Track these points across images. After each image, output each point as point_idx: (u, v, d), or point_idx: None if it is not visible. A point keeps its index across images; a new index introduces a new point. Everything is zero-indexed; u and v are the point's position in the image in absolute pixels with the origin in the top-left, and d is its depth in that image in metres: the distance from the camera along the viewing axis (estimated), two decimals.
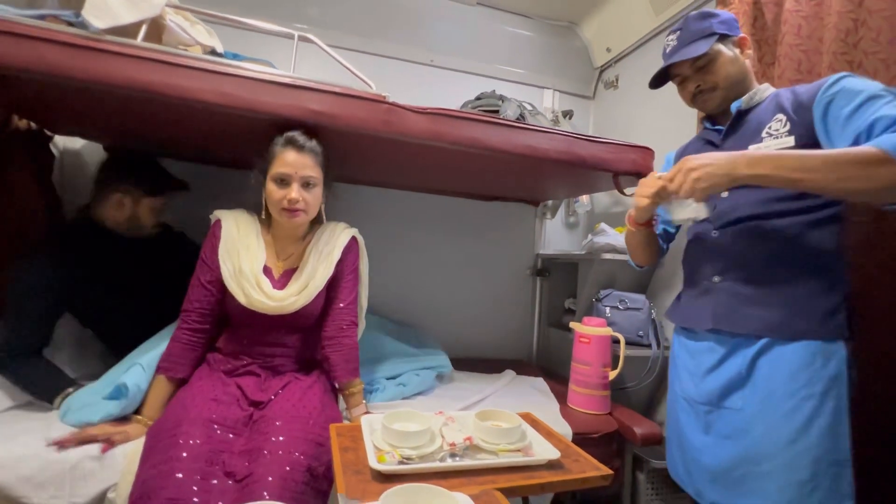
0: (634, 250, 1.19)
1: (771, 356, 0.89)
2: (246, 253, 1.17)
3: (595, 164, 1.39)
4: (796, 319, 0.87)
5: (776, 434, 0.86)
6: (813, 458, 0.83)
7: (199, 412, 0.99)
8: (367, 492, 0.77)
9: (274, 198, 1.13)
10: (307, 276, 1.20)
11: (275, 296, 1.16)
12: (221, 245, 1.17)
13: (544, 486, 0.85)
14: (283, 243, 1.24)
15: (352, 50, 1.95)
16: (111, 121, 1.37)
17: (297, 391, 1.13)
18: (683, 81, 1.06)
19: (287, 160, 1.11)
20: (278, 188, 1.12)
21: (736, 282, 0.95)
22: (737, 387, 0.93)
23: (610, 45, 2.19)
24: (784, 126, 0.92)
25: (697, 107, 1.08)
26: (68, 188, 1.68)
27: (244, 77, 1.07)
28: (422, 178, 1.89)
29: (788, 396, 0.86)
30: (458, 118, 1.24)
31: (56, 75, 0.97)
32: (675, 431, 1.08)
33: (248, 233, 1.20)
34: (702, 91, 1.03)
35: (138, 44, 1.02)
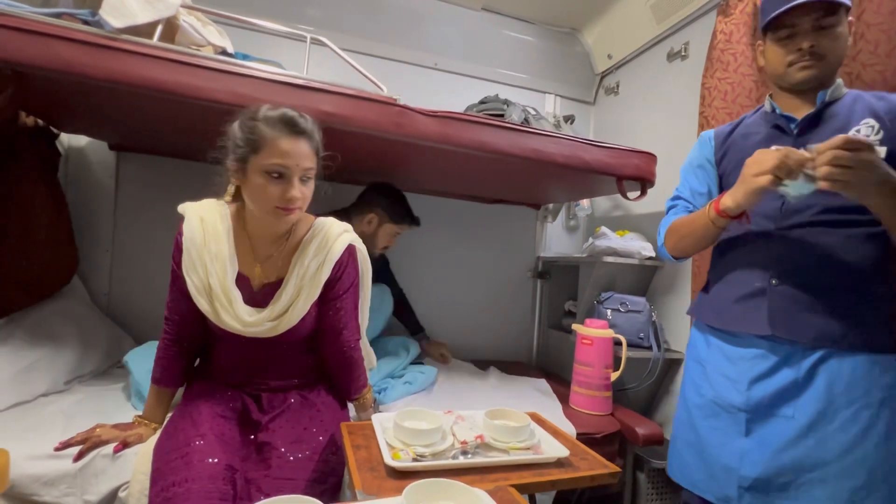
0: (696, 242, 1.01)
1: (829, 367, 0.87)
2: (214, 263, 0.97)
3: (599, 168, 1.42)
4: (856, 331, 0.86)
5: (832, 443, 0.86)
6: (869, 467, 0.83)
7: (210, 428, 0.93)
8: (382, 488, 0.78)
9: (266, 194, 0.92)
10: (289, 297, 1.00)
11: (247, 320, 0.97)
12: (185, 255, 0.97)
13: (555, 483, 0.87)
14: (263, 241, 1.03)
15: (356, 52, 1.97)
16: (120, 119, 1.37)
17: (301, 416, 1.02)
18: (793, 36, 0.91)
19: (284, 149, 0.90)
20: (272, 183, 0.91)
21: (795, 286, 0.90)
22: (791, 396, 0.90)
23: (611, 51, 2.23)
24: (876, 133, 0.86)
25: (791, 75, 0.93)
26: (72, 186, 1.68)
27: (258, 78, 1.09)
28: (425, 180, 1.90)
29: (846, 407, 0.86)
30: (467, 121, 1.26)
31: (71, 73, 0.97)
32: (692, 437, 1.02)
33: (215, 234, 0.99)
34: (812, 54, 0.89)
35: (154, 43, 1.03)
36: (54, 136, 1.53)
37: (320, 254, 1.04)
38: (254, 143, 0.91)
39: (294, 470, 0.91)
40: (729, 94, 1.47)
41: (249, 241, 1.03)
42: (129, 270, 1.74)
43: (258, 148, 0.91)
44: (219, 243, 0.98)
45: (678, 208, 1.10)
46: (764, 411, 0.92)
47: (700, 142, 1.12)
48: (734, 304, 0.97)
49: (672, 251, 1.08)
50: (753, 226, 0.96)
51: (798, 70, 0.92)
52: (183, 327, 1.05)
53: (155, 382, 1.06)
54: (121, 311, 1.71)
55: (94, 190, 1.71)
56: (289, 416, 1.01)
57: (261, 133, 0.91)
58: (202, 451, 0.86)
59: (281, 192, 0.92)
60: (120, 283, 1.74)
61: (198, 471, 0.83)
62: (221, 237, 0.99)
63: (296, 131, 0.93)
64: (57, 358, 1.32)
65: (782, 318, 0.90)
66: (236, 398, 1.03)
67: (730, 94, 1.47)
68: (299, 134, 0.93)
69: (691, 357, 1.09)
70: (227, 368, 1.06)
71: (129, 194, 1.75)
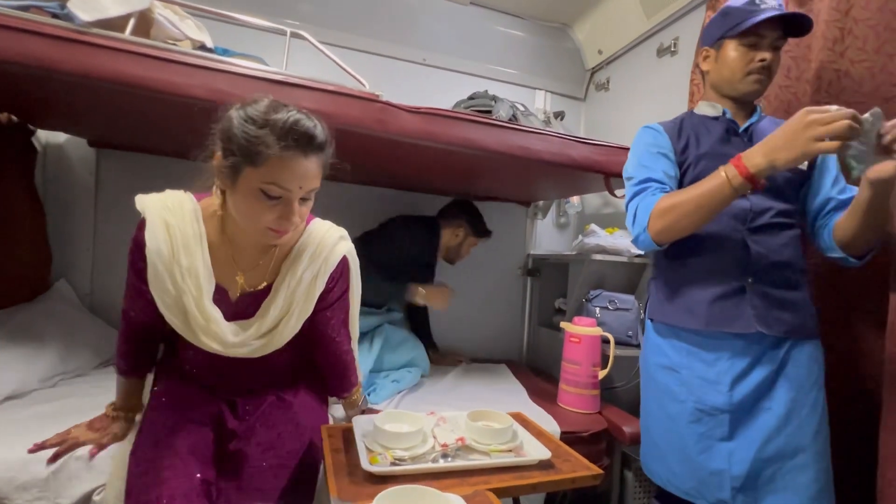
0: (703, 218, 0.90)
1: (793, 356, 0.95)
2: (186, 280, 0.83)
3: (587, 165, 1.40)
4: (808, 320, 0.97)
5: (807, 426, 0.93)
6: (829, 446, 0.94)
7: (184, 439, 0.86)
8: (359, 494, 0.77)
9: (257, 216, 0.79)
10: (279, 311, 0.90)
11: (230, 340, 0.87)
12: (150, 269, 0.83)
13: (536, 486, 0.86)
14: (247, 249, 0.91)
15: (344, 47, 1.94)
16: (96, 115, 1.34)
17: (277, 421, 0.95)
18: (757, 46, 0.96)
19: (291, 169, 0.76)
20: (267, 203, 0.78)
21: (767, 284, 0.95)
22: (768, 388, 0.95)
23: (601, 47, 2.21)
24: None
25: (746, 83, 0.97)
26: (51, 184, 1.65)
27: (236, 74, 1.06)
28: (411, 177, 1.88)
29: (808, 391, 0.94)
30: (451, 118, 1.24)
31: (41, 68, 0.94)
32: (679, 446, 1.00)
33: (185, 243, 0.84)
34: (767, 69, 0.96)
35: (126, 37, 1.00)
36: (30, 133, 1.49)
37: (314, 263, 0.92)
38: (253, 155, 0.75)
39: (264, 479, 0.87)
40: None
41: (230, 248, 0.89)
42: (111, 269, 1.71)
43: (257, 161, 0.75)
44: (191, 255, 0.84)
45: (652, 190, 0.98)
46: (747, 408, 0.95)
47: (651, 133, 1.07)
48: (711, 305, 0.97)
49: (659, 234, 0.95)
50: (723, 227, 0.97)
51: (753, 81, 0.98)
52: (144, 327, 0.94)
53: (121, 374, 0.99)
54: (103, 310, 1.68)
55: (73, 188, 1.68)
56: (263, 422, 0.96)
57: (266, 144, 0.74)
58: (175, 468, 0.81)
59: (277, 216, 0.79)
60: (102, 283, 1.72)
61: (171, 489, 0.78)
62: (194, 246, 0.84)
63: (308, 149, 0.77)
64: (37, 357, 1.30)
65: (763, 315, 0.95)
66: (210, 403, 0.97)
67: None
68: (311, 152, 0.77)
69: (658, 364, 1.06)
70: (197, 373, 0.99)
71: (110, 192, 1.72)
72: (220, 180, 0.83)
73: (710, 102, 1.06)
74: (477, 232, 1.81)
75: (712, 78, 1.04)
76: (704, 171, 0.96)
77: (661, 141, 1.05)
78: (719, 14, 1.01)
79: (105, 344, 1.56)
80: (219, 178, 0.83)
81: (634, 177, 1.04)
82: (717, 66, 1.02)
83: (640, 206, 0.99)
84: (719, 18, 1.00)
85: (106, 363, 1.52)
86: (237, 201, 0.81)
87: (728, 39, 0.98)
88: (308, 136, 0.77)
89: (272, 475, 0.88)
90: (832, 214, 0.97)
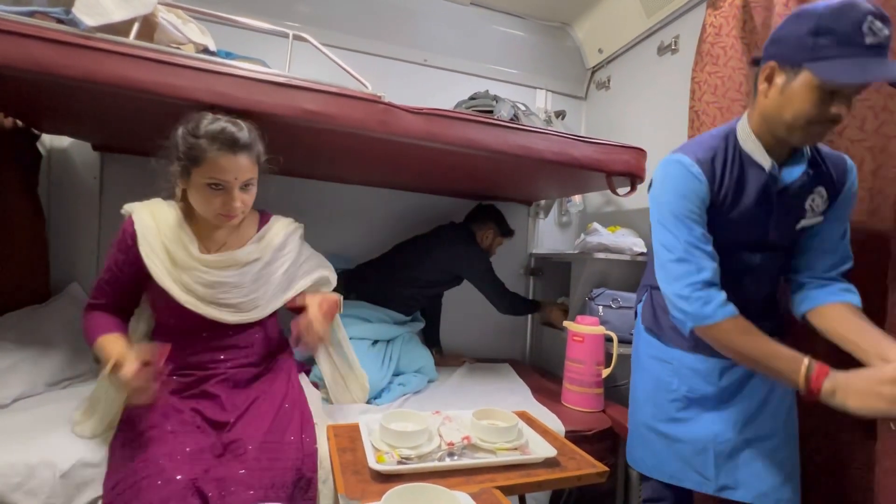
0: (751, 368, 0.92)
1: None
2: (174, 244, 1.02)
3: (589, 164, 1.40)
4: (778, 328, 1.00)
5: (779, 412, 0.99)
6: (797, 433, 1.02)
7: (165, 444, 0.88)
8: (366, 492, 0.78)
9: (208, 205, 0.99)
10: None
11: (209, 259, 1.03)
12: (141, 241, 1.00)
13: (542, 484, 0.86)
14: (211, 232, 1.09)
15: (345, 49, 1.94)
16: (100, 120, 1.35)
17: (268, 410, 1.01)
18: (836, 96, 0.77)
19: (222, 165, 0.96)
20: (212, 193, 0.98)
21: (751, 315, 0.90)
22: (748, 377, 1.00)
23: (602, 45, 2.21)
24: (823, 204, 0.92)
25: (807, 131, 0.82)
26: (56, 187, 1.66)
27: (239, 76, 1.06)
28: (414, 177, 1.89)
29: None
30: (453, 118, 1.25)
31: (46, 73, 0.95)
32: (666, 431, 1.05)
33: (168, 224, 1.03)
34: (836, 122, 0.80)
35: (130, 42, 1.01)
36: (35, 138, 1.50)
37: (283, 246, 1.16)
38: (194, 158, 0.97)
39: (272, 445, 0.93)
40: (719, 87, 1.46)
41: (201, 233, 1.08)
42: None
43: (198, 162, 0.97)
44: (174, 230, 1.03)
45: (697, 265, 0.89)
46: (732, 392, 1.00)
47: (686, 176, 0.90)
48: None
49: (705, 339, 0.90)
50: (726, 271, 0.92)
51: (814, 135, 0.83)
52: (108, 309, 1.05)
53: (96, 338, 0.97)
54: None
55: (78, 191, 1.69)
56: (258, 414, 0.99)
57: (201, 148, 0.96)
58: (150, 476, 0.82)
59: (222, 202, 0.99)
60: None
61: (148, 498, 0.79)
62: (175, 226, 1.04)
63: (233, 148, 0.97)
64: (45, 360, 1.31)
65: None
66: (187, 408, 0.99)
67: (720, 87, 1.45)
68: (237, 150, 0.97)
69: (650, 355, 1.09)
70: (173, 368, 1.03)
71: (115, 195, 1.72)
72: (180, 182, 1.03)
73: (758, 142, 0.89)
74: (504, 232, 1.95)
75: (768, 108, 0.84)
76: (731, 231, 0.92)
77: (699, 189, 0.90)
78: (813, 27, 0.75)
79: None
80: (179, 182, 1.03)
81: (675, 239, 0.91)
82: (780, 99, 0.81)
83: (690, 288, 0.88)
84: (810, 37, 0.75)
85: None
86: (193, 195, 1.02)
87: (809, 70, 0.76)
88: (233, 139, 0.97)
89: (282, 470, 0.90)
90: (822, 287, 0.92)
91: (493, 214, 1.95)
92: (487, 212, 1.95)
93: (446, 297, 2.10)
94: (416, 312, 1.85)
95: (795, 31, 0.78)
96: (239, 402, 1.02)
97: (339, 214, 1.99)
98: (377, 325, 1.63)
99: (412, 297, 1.75)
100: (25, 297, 1.47)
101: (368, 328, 1.59)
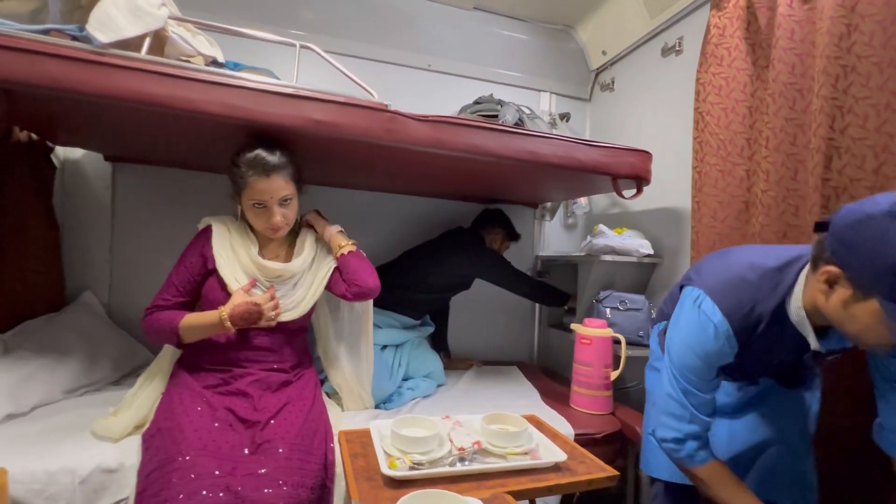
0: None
1: None
2: (238, 247, 1.19)
3: (594, 168, 1.41)
4: None
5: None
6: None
7: (199, 439, 0.94)
8: (379, 498, 0.79)
9: (256, 222, 1.17)
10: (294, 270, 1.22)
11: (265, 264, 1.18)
12: (215, 239, 1.18)
13: (552, 489, 0.87)
14: (269, 242, 1.26)
15: (348, 55, 1.96)
16: (113, 132, 1.38)
17: (299, 415, 1.07)
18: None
19: (259, 188, 1.12)
20: (257, 212, 1.15)
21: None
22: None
23: (605, 47, 2.21)
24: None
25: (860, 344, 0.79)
26: (69, 198, 1.69)
27: (248, 88, 1.08)
28: (421, 182, 1.90)
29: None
30: (459, 125, 1.25)
31: (60, 89, 0.97)
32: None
33: (237, 230, 1.22)
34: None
35: (142, 56, 1.02)
36: (49, 150, 1.53)
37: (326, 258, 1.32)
38: (238, 184, 1.14)
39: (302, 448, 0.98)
40: (724, 88, 1.46)
41: (259, 241, 1.24)
42: (128, 281, 1.75)
43: (241, 188, 1.14)
44: (241, 233, 1.22)
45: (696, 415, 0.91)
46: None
47: (716, 341, 0.88)
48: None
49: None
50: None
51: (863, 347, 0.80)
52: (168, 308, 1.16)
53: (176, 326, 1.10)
54: (122, 322, 1.71)
55: (90, 201, 1.72)
56: (289, 418, 1.05)
57: (241, 175, 1.13)
58: (193, 466, 0.87)
59: (266, 219, 1.16)
60: (120, 295, 1.75)
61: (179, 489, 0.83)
62: (242, 232, 1.23)
63: (265, 171, 1.12)
64: (59, 368, 1.34)
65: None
66: (221, 406, 1.05)
67: (724, 88, 1.45)
68: (268, 172, 1.12)
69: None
70: (210, 365, 1.13)
71: (127, 205, 1.76)
72: (235, 202, 1.21)
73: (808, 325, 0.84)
74: (511, 236, 1.99)
75: (828, 311, 0.78)
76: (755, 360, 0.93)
77: (726, 355, 0.90)
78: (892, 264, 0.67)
79: (129, 355, 1.60)
80: (236, 202, 1.21)
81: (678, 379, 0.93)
82: (842, 313, 0.75)
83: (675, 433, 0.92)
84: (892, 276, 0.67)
85: (129, 374, 1.55)
86: (246, 214, 1.19)
87: (879, 303, 0.70)
88: (265, 163, 1.12)
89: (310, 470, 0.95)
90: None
91: (500, 219, 1.98)
92: (495, 216, 1.98)
93: (453, 301, 2.11)
94: (425, 317, 1.86)
95: (876, 257, 0.68)
96: (271, 404, 1.08)
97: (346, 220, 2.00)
98: (387, 330, 1.64)
99: (422, 302, 1.76)
100: (41, 306, 1.50)
101: (378, 333, 1.60)
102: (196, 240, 1.22)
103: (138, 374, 1.19)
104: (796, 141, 1.26)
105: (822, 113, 1.12)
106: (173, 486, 0.84)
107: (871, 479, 1.03)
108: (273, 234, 1.19)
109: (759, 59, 1.41)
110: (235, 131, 1.17)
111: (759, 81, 1.40)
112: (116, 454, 1.01)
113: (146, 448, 0.98)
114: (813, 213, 1.13)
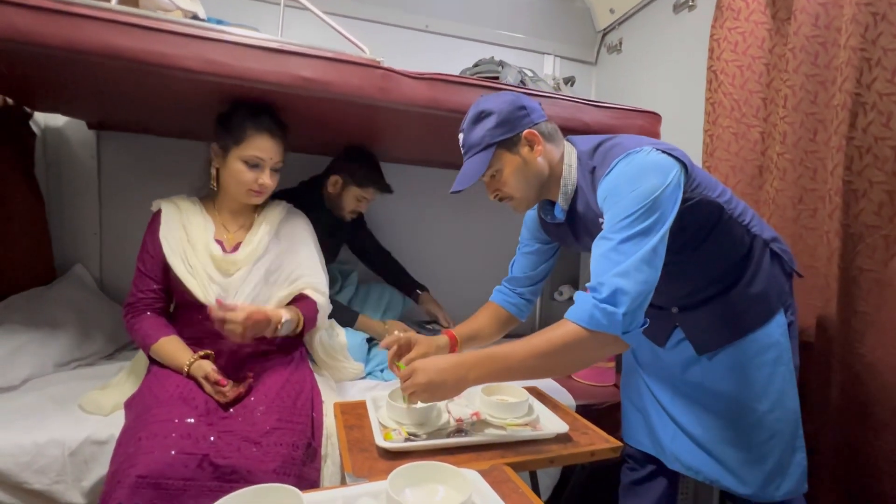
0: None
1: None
2: (189, 226, 1.14)
3: (600, 130, 1.33)
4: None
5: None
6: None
7: (172, 394, 0.95)
8: (374, 469, 0.76)
9: (243, 178, 1.12)
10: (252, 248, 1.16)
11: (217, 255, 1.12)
12: (163, 225, 1.12)
13: (553, 460, 0.84)
14: (232, 216, 1.20)
15: (342, 15, 1.85)
16: (90, 95, 1.30)
17: (279, 378, 1.07)
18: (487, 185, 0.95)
19: (263, 146, 1.11)
20: (249, 170, 1.11)
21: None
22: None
23: (613, 5, 2.09)
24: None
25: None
26: (52, 168, 1.63)
27: (230, 42, 1.00)
28: (417, 149, 1.83)
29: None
30: (457, 83, 1.18)
31: (27, 43, 0.90)
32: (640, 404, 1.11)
33: (189, 210, 1.16)
34: (501, 199, 0.96)
35: (114, 7, 0.95)
36: (27, 116, 1.46)
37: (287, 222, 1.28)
38: (234, 135, 1.11)
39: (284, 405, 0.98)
40: (740, 44, 1.36)
41: (219, 217, 1.20)
42: (119, 253, 1.70)
43: (238, 140, 1.10)
44: (194, 213, 1.16)
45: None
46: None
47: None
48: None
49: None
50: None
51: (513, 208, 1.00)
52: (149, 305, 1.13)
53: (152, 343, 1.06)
54: (114, 294, 1.68)
55: (76, 172, 1.66)
56: (270, 377, 1.06)
57: (243, 130, 1.11)
58: (166, 413, 0.88)
59: (254, 178, 1.12)
60: (111, 267, 1.71)
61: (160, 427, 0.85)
62: (196, 212, 1.17)
63: (273, 134, 1.13)
64: (50, 342, 1.31)
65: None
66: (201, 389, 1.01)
67: (741, 44, 1.36)
68: (275, 136, 1.13)
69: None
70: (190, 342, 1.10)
71: (113, 174, 1.70)
72: (215, 161, 1.15)
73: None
74: (359, 181, 1.53)
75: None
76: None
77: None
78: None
79: (122, 328, 1.55)
80: (215, 160, 1.16)
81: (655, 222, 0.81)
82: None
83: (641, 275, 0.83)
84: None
85: (123, 348, 1.53)
86: (226, 174, 1.14)
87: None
88: (275, 129, 1.13)
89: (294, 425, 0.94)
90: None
91: (351, 157, 1.57)
92: (346, 154, 1.59)
93: (450, 270, 2.06)
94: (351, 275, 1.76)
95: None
96: (252, 370, 1.08)
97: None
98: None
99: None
100: (29, 279, 1.46)
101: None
102: (149, 225, 1.16)
103: (131, 349, 1.16)
104: (817, 99, 1.18)
105: (850, 66, 1.03)
106: (146, 446, 0.82)
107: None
108: (254, 196, 1.15)
109: (779, 12, 1.31)
110: (218, 92, 1.10)
111: (779, 36, 1.31)
112: (107, 425, 0.99)
113: (127, 409, 0.99)
114: (835, 176, 1.06)
